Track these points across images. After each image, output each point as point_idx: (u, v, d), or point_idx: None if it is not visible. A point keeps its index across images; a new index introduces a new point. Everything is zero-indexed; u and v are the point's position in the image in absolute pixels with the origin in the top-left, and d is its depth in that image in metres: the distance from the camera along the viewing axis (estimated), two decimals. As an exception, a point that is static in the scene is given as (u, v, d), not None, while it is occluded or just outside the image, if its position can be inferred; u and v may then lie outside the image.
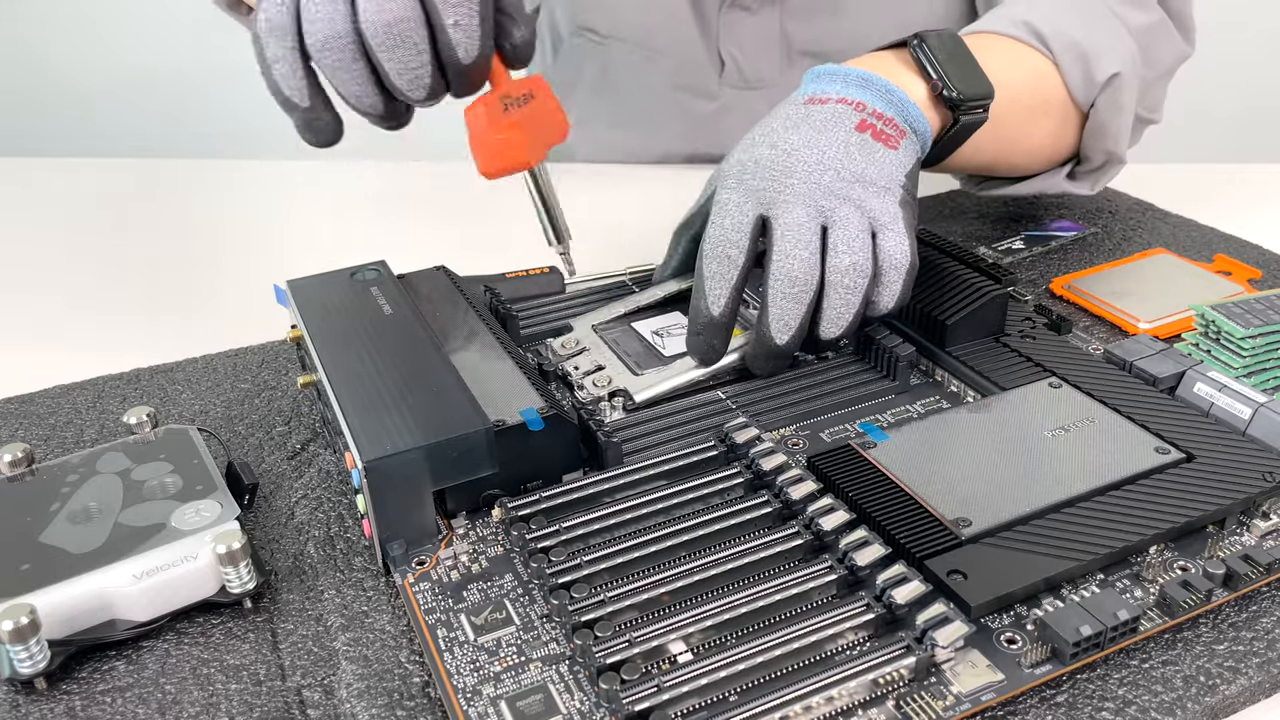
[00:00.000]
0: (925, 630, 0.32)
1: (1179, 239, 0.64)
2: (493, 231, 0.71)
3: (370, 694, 0.34)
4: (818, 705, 0.31)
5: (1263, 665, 0.34)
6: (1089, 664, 0.34)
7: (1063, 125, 0.61)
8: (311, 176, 0.84)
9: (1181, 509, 0.37)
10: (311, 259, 0.55)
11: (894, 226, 0.45)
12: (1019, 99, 0.57)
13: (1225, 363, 0.46)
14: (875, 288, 0.46)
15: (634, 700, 0.30)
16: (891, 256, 0.45)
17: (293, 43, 0.39)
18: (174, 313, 0.60)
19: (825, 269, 0.45)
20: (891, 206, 0.46)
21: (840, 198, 0.45)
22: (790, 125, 0.47)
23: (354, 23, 0.38)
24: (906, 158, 0.48)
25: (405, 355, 0.43)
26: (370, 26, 0.38)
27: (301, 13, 0.38)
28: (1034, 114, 0.59)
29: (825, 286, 0.45)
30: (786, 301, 0.44)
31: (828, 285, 0.45)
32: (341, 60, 0.38)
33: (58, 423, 0.49)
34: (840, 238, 0.44)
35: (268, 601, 0.38)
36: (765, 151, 0.47)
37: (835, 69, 0.50)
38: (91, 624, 0.35)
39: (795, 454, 0.43)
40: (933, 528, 0.36)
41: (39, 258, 0.69)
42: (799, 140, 0.46)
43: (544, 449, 0.40)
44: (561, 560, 0.36)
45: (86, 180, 0.84)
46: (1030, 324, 0.50)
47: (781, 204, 0.45)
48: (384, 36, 0.38)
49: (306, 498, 0.43)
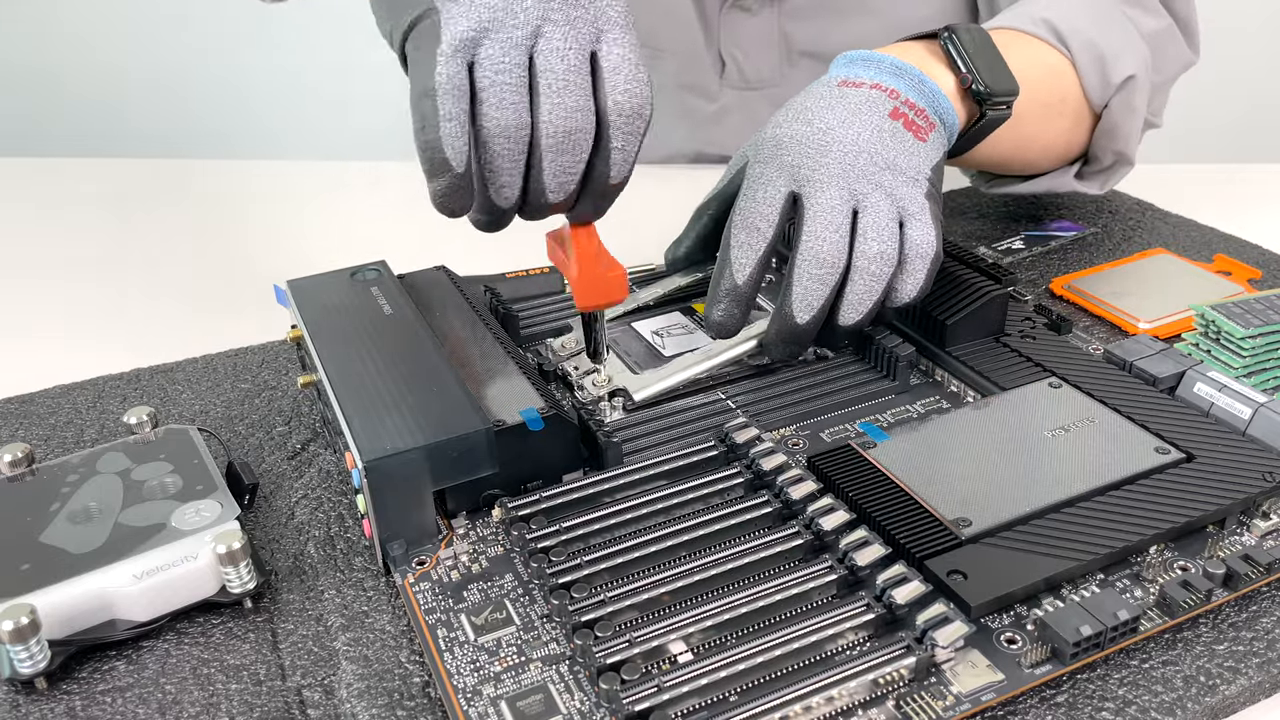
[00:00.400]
0: (925, 630, 0.32)
1: (1179, 239, 0.64)
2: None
3: (370, 694, 0.34)
4: (818, 705, 0.31)
5: (1263, 665, 0.34)
6: (1089, 664, 0.34)
7: (1076, 124, 0.61)
8: (312, 176, 0.84)
9: (1181, 509, 0.37)
10: (311, 259, 0.55)
11: (922, 217, 0.45)
12: (1037, 96, 0.57)
13: (1225, 363, 0.46)
14: (899, 276, 0.46)
15: (634, 700, 0.30)
16: (918, 246, 0.45)
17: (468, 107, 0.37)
18: (174, 313, 0.60)
19: (853, 254, 0.45)
20: (919, 197, 0.46)
21: (873, 183, 0.45)
22: (825, 105, 0.47)
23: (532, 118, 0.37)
24: (934, 151, 0.48)
25: (405, 355, 0.43)
26: (549, 128, 0.37)
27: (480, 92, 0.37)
28: (1050, 112, 0.59)
29: (850, 271, 0.45)
30: (812, 282, 0.44)
31: (853, 270, 0.44)
32: (509, 151, 0.37)
33: (58, 423, 0.49)
34: (870, 224, 0.44)
35: (268, 601, 0.38)
36: (801, 128, 0.47)
37: (869, 55, 0.50)
38: (91, 624, 0.35)
39: (795, 454, 0.43)
40: (933, 528, 0.36)
41: (39, 258, 0.69)
42: (834, 120, 0.46)
43: (544, 449, 0.40)
44: (561, 560, 0.36)
45: (87, 180, 0.84)
46: (1030, 324, 0.50)
47: (815, 183, 0.45)
48: (559, 139, 0.37)
49: (306, 498, 0.43)
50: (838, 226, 0.44)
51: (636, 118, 0.38)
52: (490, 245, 0.45)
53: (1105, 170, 0.64)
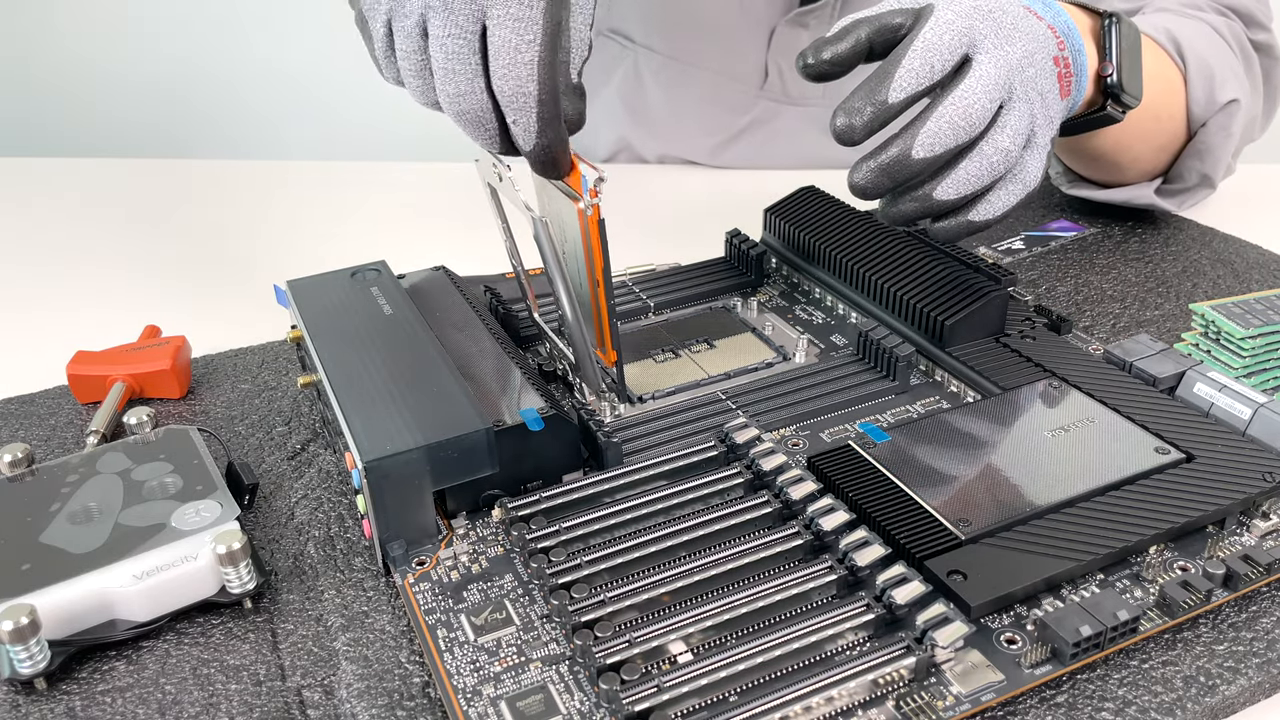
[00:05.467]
0: (925, 630, 0.32)
1: (1178, 239, 0.64)
2: (493, 231, 0.71)
3: (370, 694, 0.34)
4: (818, 705, 0.31)
5: (1263, 665, 0.34)
6: (1089, 664, 0.34)
7: (1170, 142, 0.63)
8: (311, 176, 0.84)
9: (1181, 509, 0.37)
10: (311, 259, 0.55)
11: (1042, 149, 0.47)
12: (1149, 108, 0.58)
13: (1225, 363, 0.46)
14: (996, 188, 0.46)
15: (634, 700, 0.30)
16: (1027, 171, 0.46)
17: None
18: (174, 313, 0.60)
19: (981, 139, 0.45)
20: (1048, 133, 0.47)
21: (1026, 94, 0.46)
22: (1018, 13, 0.47)
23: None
24: (1065, 110, 0.49)
25: (405, 355, 0.43)
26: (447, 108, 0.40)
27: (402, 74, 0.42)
28: (1155, 126, 0.61)
29: (971, 150, 0.45)
30: (948, 127, 0.43)
31: (975, 151, 0.45)
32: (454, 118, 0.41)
33: (58, 423, 0.49)
34: (1010, 123, 0.45)
35: (268, 602, 0.38)
36: (998, 12, 0.46)
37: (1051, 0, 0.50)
38: (91, 624, 0.35)
39: (795, 454, 0.43)
40: (933, 528, 0.36)
41: (39, 257, 0.69)
42: (1024, 26, 0.47)
43: (544, 449, 0.40)
44: (561, 560, 0.36)
45: (87, 180, 0.84)
46: (1030, 324, 0.50)
47: (991, 56, 0.45)
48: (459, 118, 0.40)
49: (306, 498, 0.43)
50: (992, 100, 0.44)
51: (519, 95, 0.38)
52: (490, 245, 0.45)
53: (1187, 190, 0.66)
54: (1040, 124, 0.46)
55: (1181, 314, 0.56)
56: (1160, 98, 0.59)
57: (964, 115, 0.44)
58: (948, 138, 0.44)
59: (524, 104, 0.39)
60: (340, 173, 0.84)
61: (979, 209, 0.46)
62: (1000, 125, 0.45)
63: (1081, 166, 0.67)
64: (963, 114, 0.44)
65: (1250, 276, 0.60)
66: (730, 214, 0.66)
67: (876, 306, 0.52)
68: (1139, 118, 0.56)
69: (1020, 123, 0.45)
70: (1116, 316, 0.56)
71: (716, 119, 0.83)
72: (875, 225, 0.55)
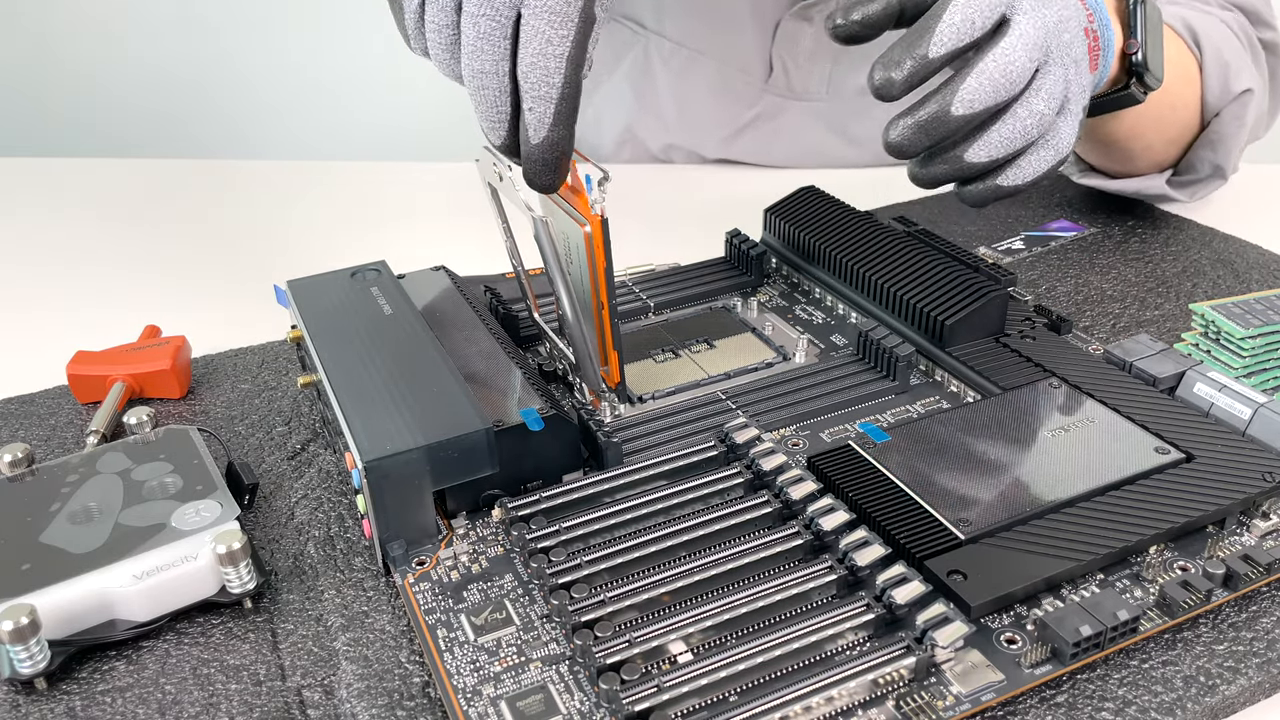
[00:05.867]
0: (925, 630, 0.32)
1: (1178, 239, 0.64)
2: (493, 231, 0.71)
3: (370, 694, 0.34)
4: (818, 705, 0.31)
5: (1263, 665, 0.34)
6: (1089, 664, 0.34)
7: (1183, 131, 0.64)
8: (311, 176, 0.84)
9: (1181, 509, 0.37)
10: (311, 259, 0.55)
11: (1075, 116, 0.46)
12: (1164, 97, 0.58)
13: (1225, 363, 0.46)
14: (1028, 152, 0.46)
15: (634, 700, 0.30)
16: (1060, 137, 0.46)
17: None
18: (174, 313, 0.60)
19: (1017, 101, 0.45)
20: (1081, 100, 0.47)
21: (1061, 59, 0.46)
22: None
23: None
24: (1092, 85, 0.49)
25: (405, 355, 0.43)
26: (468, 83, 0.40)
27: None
28: (1170, 115, 0.61)
29: (1005, 113, 0.45)
30: (988, 84, 0.43)
31: (1009, 113, 0.45)
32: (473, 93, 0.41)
33: (58, 423, 0.49)
34: (1046, 86, 0.45)
35: (268, 601, 0.38)
36: None
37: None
38: (91, 624, 0.35)
39: (795, 454, 0.43)
40: (933, 528, 0.36)
41: (39, 257, 0.69)
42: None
43: (544, 449, 0.40)
44: (561, 560, 0.36)
45: (87, 180, 0.84)
46: (1030, 324, 0.50)
47: (1028, 13, 0.44)
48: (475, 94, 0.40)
49: (306, 498, 0.43)
50: (1032, 59, 0.44)
51: (543, 84, 0.39)
52: (490, 245, 0.45)
53: (1199, 181, 0.66)
54: (1074, 91, 0.46)
55: (1181, 314, 0.56)
56: (1176, 85, 0.60)
57: (1004, 72, 0.44)
58: (988, 95, 0.44)
59: (546, 94, 0.39)
60: (340, 173, 0.84)
61: (1009, 174, 0.46)
62: (1035, 88, 0.45)
63: (1093, 154, 0.68)
64: (1003, 71, 0.43)
65: (1250, 276, 0.60)
66: (730, 214, 0.66)
67: (876, 306, 0.52)
68: (1155, 104, 0.56)
69: (1056, 87, 0.45)
70: (1116, 316, 0.56)
71: (723, 111, 0.83)
72: (875, 225, 0.55)
